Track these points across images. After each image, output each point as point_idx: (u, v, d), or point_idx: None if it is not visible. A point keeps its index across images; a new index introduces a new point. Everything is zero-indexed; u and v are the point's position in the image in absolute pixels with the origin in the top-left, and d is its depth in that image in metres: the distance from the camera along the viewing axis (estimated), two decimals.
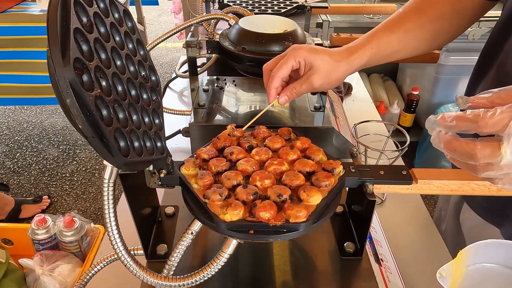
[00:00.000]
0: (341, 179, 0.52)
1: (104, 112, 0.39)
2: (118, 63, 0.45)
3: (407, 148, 0.74)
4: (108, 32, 0.44)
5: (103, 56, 0.42)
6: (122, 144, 0.41)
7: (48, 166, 2.61)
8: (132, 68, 0.49)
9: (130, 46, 0.50)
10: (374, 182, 0.53)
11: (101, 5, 0.44)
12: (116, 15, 0.48)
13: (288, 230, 0.46)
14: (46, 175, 2.53)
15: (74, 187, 2.44)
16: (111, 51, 0.44)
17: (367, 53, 0.64)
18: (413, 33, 0.68)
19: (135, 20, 2.71)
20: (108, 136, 0.38)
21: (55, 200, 2.34)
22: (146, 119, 0.50)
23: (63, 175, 2.53)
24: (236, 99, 1.05)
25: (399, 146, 0.79)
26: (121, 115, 0.43)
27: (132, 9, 2.78)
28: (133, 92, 0.47)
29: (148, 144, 0.48)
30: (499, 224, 0.70)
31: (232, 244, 0.49)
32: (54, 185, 2.45)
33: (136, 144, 0.45)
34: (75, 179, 2.50)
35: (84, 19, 0.40)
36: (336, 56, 0.62)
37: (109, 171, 0.46)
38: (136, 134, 0.45)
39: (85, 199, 2.36)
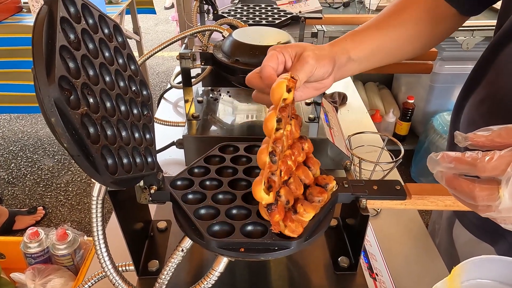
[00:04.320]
0: (334, 194, 0.52)
1: (91, 130, 0.39)
2: (107, 79, 0.45)
3: (401, 160, 0.74)
4: (97, 48, 0.44)
5: (91, 72, 0.42)
6: (109, 161, 0.41)
7: (43, 177, 2.58)
8: (122, 84, 0.48)
9: (120, 61, 0.49)
10: (367, 197, 0.52)
11: (90, 21, 0.44)
12: (106, 31, 0.47)
13: (279, 248, 0.46)
14: (41, 185, 2.51)
15: (69, 198, 2.42)
16: (99, 67, 0.43)
17: (345, 45, 0.64)
18: (390, 34, 0.69)
19: (131, 29, 2.72)
20: (94, 154, 0.37)
21: (50, 211, 2.32)
22: (136, 135, 0.49)
23: (58, 186, 2.51)
24: (231, 110, 1.05)
25: (393, 157, 0.79)
26: (109, 132, 0.42)
27: (127, 18, 2.79)
28: (122, 108, 0.47)
29: (138, 160, 0.47)
30: (493, 242, 0.68)
31: (222, 262, 0.48)
32: (49, 196, 2.43)
33: (125, 160, 0.44)
34: (70, 189, 2.48)
35: (72, 36, 0.40)
36: (318, 47, 0.60)
37: (98, 188, 0.45)
38: (125, 150, 0.44)
39: (80, 209, 2.34)
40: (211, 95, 1.10)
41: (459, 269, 0.43)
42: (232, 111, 1.05)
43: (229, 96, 1.10)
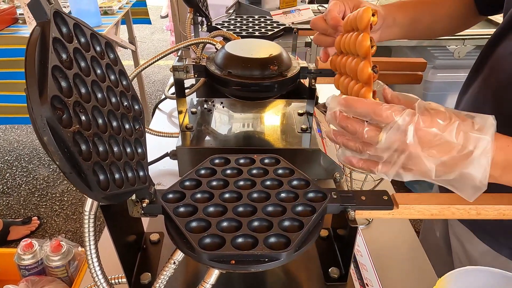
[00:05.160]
0: (323, 205, 0.53)
1: (83, 147, 0.40)
2: (99, 96, 0.46)
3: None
4: (89, 66, 0.45)
5: (83, 90, 0.43)
6: (101, 177, 0.42)
7: (38, 186, 2.58)
8: (113, 100, 0.49)
9: (112, 77, 0.51)
10: (355, 208, 0.53)
11: (82, 39, 0.45)
12: (98, 48, 0.48)
13: (269, 260, 0.46)
14: (36, 195, 2.50)
15: (64, 208, 2.41)
16: (91, 85, 0.44)
17: (393, 9, 0.76)
18: (430, 8, 0.80)
19: (127, 39, 2.73)
20: (86, 171, 0.38)
21: (45, 221, 2.31)
22: (128, 149, 0.50)
23: (53, 195, 2.50)
24: (225, 121, 1.06)
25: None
26: (101, 148, 0.43)
27: (123, 28, 2.81)
28: (114, 124, 0.48)
29: (129, 174, 0.48)
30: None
31: (214, 274, 0.48)
32: (44, 206, 2.42)
33: (116, 176, 0.45)
34: (66, 199, 2.47)
35: (64, 56, 0.41)
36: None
37: (90, 203, 0.46)
38: (117, 165, 0.45)
39: (75, 219, 2.33)
40: (205, 105, 1.11)
41: (444, 280, 0.44)
42: (226, 122, 1.06)
43: (223, 107, 1.11)
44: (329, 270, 0.60)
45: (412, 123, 0.42)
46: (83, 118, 0.41)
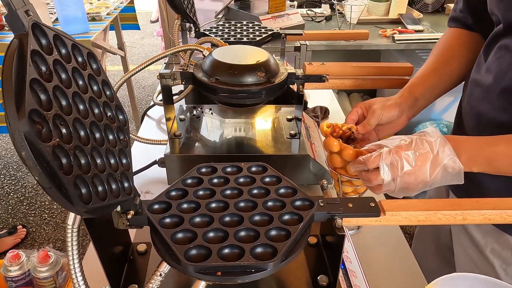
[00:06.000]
0: (310, 214, 0.52)
1: (64, 161, 0.39)
2: (81, 107, 0.45)
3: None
4: (70, 78, 0.44)
5: (63, 102, 0.42)
6: (83, 191, 0.41)
7: (26, 195, 2.54)
8: (96, 111, 0.49)
9: (95, 88, 0.50)
10: (342, 215, 0.53)
11: (63, 51, 0.44)
12: (80, 59, 0.48)
13: (256, 270, 0.46)
14: (25, 204, 2.47)
15: (54, 216, 2.38)
16: (72, 97, 0.43)
17: (411, 90, 0.86)
18: (441, 71, 0.87)
19: (115, 45, 2.72)
20: (67, 185, 0.38)
21: (34, 230, 2.27)
22: (112, 161, 0.49)
23: (42, 204, 2.46)
24: (214, 128, 1.06)
25: None
26: (83, 161, 0.42)
27: (112, 34, 2.79)
28: (97, 135, 0.47)
29: (114, 186, 0.48)
30: None
31: (200, 286, 0.48)
32: (33, 214, 2.39)
33: (99, 188, 0.44)
34: (55, 207, 2.44)
35: (43, 68, 0.40)
36: (387, 98, 0.84)
37: (72, 216, 0.45)
38: (100, 178, 0.45)
39: (65, 227, 2.29)
40: (194, 112, 1.11)
41: (432, 286, 0.44)
42: (215, 128, 1.06)
43: (212, 113, 1.11)
44: (318, 278, 0.60)
45: (388, 157, 0.62)
46: (63, 131, 0.40)
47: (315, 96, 1.49)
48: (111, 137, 0.51)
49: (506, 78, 0.68)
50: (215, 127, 1.06)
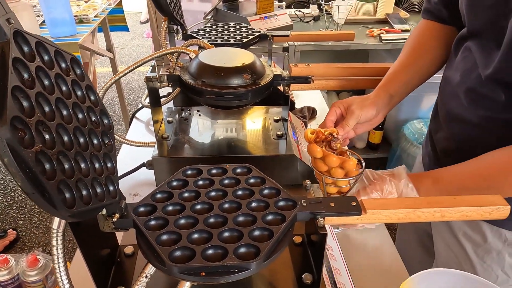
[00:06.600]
0: (293, 213, 0.54)
1: (47, 166, 0.40)
2: (64, 113, 0.46)
3: (362, 175, 0.77)
4: (53, 84, 0.45)
5: (46, 108, 0.43)
6: (67, 195, 0.41)
7: (16, 199, 2.52)
8: (80, 116, 0.49)
9: (79, 93, 0.51)
10: (324, 215, 0.55)
11: (46, 57, 0.45)
12: (63, 65, 0.48)
13: (239, 270, 0.47)
14: (14, 207, 2.45)
15: (44, 219, 2.36)
16: (55, 103, 0.44)
17: (385, 88, 0.87)
18: (413, 67, 0.88)
19: (104, 47, 2.70)
20: (50, 190, 0.38)
21: (24, 233, 2.26)
22: (97, 165, 0.50)
23: (32, 207, 2.45)
24: (202, 130, 1.07)
25: (363, 165, 0.82)
26: (66, 166, 0.43)
27: (100, 36, 2.78)
28: (81, 140, 0.48)
29: (98, 190, 0.48)
30: None
31: (185, 286, 0.49)
32: (22, 218, 2.37)
33: (84, 192, 0.45)
34: None
35: (26, 75, 0.41)
36: (364, 97, 0.85)
37: (57, 220, 0.46)
38: (84, 182, 0.45)
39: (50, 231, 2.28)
40: (182, 114, 1.11)
41: (408, 283, 0.46)
42: (203, 130, 1.06)
43: (199, 115, 1.11)
44: (302, 276, 0.61)
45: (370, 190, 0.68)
46: (46, 136, 0.41)
47: (305, 97, 1.51)
48: (95, 141, 0.51)
49: (470, 78, 0.71)
50: (203, 128, 1.07)
